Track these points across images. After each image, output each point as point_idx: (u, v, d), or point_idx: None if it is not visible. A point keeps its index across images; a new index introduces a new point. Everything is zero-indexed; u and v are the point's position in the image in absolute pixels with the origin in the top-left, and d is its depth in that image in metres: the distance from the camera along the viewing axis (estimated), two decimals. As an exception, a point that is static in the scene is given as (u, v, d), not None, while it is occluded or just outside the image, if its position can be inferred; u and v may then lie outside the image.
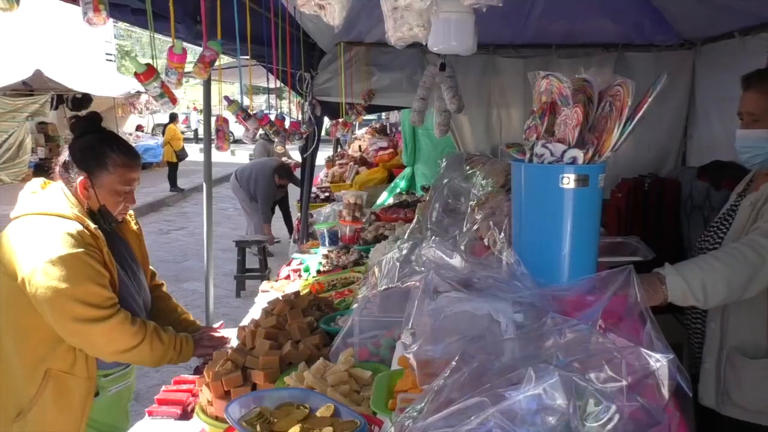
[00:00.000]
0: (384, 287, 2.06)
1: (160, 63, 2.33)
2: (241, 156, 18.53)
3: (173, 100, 2.03)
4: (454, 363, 1.14)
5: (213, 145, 3.06)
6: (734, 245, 2.00)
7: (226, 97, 3.23)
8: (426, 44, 2.26)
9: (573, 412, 0.94)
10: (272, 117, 3.41)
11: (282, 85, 4.97)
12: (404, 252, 2.08)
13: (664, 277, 1.85)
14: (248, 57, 3.66)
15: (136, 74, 2.00)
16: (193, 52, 2.60)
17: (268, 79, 4.13)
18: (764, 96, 2.22)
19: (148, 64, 2.01)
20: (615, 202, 4.56)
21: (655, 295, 1.82)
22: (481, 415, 0.91)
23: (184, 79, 2.08)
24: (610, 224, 4.39)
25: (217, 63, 2.26)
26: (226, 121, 2.84)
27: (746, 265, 1.89)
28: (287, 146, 5.00)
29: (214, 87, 4.06)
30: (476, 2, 1.77)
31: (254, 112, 3.08)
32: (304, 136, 4.10)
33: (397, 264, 2.02)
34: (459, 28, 2.58)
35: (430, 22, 1.96)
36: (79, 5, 2.38)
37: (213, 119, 3.07)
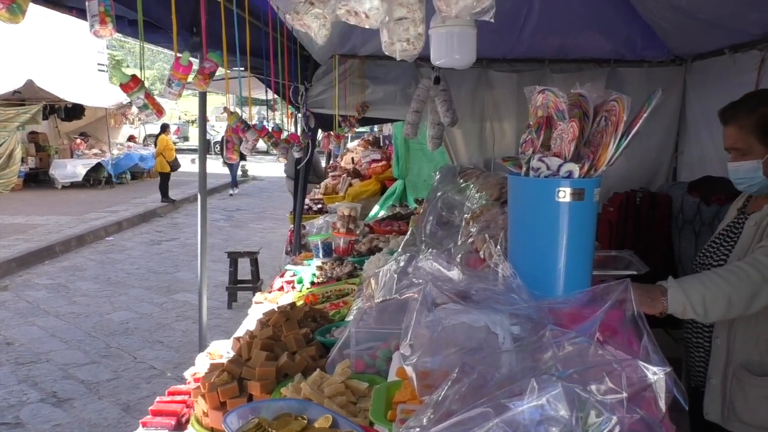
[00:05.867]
0: (381, 299, 2.06)
1: (151, 73, 2.33)
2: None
3: (159, 112, 2.00)
4: (454, 374, 1.15)
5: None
6: (737, 263, 2.06)
7: (226, 108, 3.24)
8: (417, 59, 2.29)
9: (575, 423, 0.95)
10: (269, 128, 3.42)
11: (275, 96, 4.99)
12: (401, 264, 2.09)
13: (665, 290, 1.91)
14: (244, 69, 3.68)
15: (120, 85, 1.99)
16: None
17: (266, 92, 4.14)
18: (743, 130, 2.27)
19: (132, 75, 2.00)
20: (607, 215, 4.59)
21: (653, 304, 1.88)
22: (484, 425, 0.92)
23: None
24: (602, 238, 4.42)
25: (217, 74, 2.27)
26: (235, 131, 2.84)
27: (748, 283, 1.96)
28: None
29: (209, 98, 4.07)
30: (458, 13, 1.79)
31: (253, 122, 3.10)
32: (302, 148, 4.11)
33: (395, 276, 2.03)
34: (461, 40, 2.60)
35: (419, 38, 1.98)
36: (74, 16, 2.40)
37: (213, 130, 3.06)
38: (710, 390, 2.43)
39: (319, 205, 7.68)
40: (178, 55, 2.01)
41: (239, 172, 20.41)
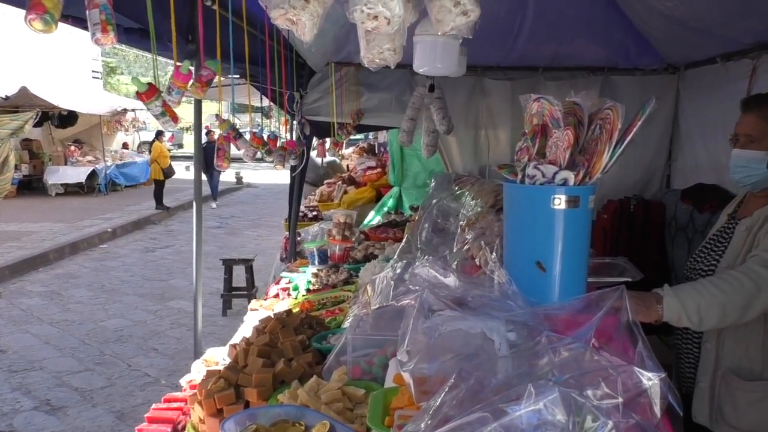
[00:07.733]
0: (377, 306, 2.07)
1: (146, 81, 2.34)
2: (227, 174, 18.52)
3: (174, 119, 2.04)
4: (452, 380, 1.16)
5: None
6: (732, 272, 2.07)
7: (217, 116, 3.24)
8: (408, 66, 2.30)
9: (572, 427, 0.96)
10: (265, 136, 3.43)
11: (270, 104, 5.00)
12: (398, 271, 2.11)
13: (661, 297, 1.92)
14: (238, 77, 3.68)
15: (137, 93, 2.01)
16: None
17: (261, 99, 4.15)
18: (762, 119, 2.29)
19: (149, 84, 2.02)
20: (601, 222, 4.62)
21: (648, 312, 1.89)
22: (483, 429, 0.93)
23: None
24: (596, 244, 4.44)
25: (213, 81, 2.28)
26: (227, 139, 2.85)
27: (742, 293, 1.98)
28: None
29: (204, 105, 4.07)
30: (451, 30, 1.81)
31: (252, 130, 3.10)
32: (298, 155, 4.12)
33: (392, 283, 2.04)
34: (444, 50, 2.62)
35: (401, 47, 1.99)
36: (70, 24, 2.40)
37: (204, 138, 3.07)
38: (698, 393, 2.46)
39: (315, 212, 7.68)
40: (179, 63, 2.03)
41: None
